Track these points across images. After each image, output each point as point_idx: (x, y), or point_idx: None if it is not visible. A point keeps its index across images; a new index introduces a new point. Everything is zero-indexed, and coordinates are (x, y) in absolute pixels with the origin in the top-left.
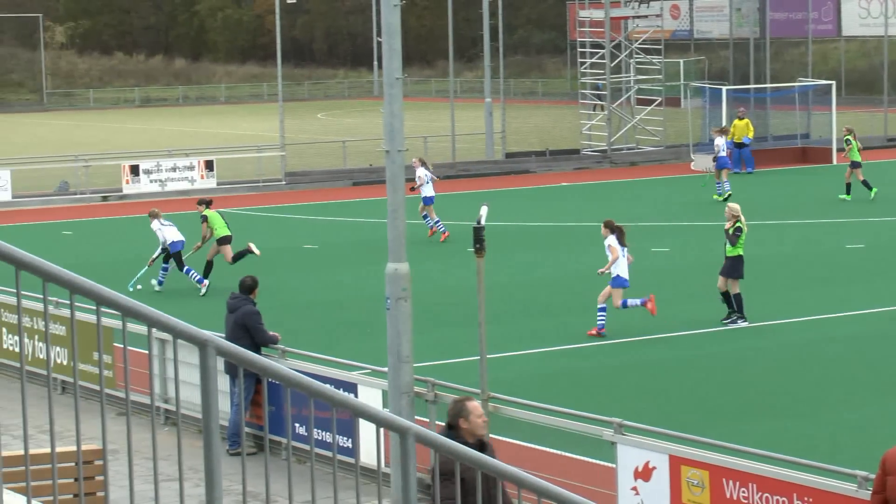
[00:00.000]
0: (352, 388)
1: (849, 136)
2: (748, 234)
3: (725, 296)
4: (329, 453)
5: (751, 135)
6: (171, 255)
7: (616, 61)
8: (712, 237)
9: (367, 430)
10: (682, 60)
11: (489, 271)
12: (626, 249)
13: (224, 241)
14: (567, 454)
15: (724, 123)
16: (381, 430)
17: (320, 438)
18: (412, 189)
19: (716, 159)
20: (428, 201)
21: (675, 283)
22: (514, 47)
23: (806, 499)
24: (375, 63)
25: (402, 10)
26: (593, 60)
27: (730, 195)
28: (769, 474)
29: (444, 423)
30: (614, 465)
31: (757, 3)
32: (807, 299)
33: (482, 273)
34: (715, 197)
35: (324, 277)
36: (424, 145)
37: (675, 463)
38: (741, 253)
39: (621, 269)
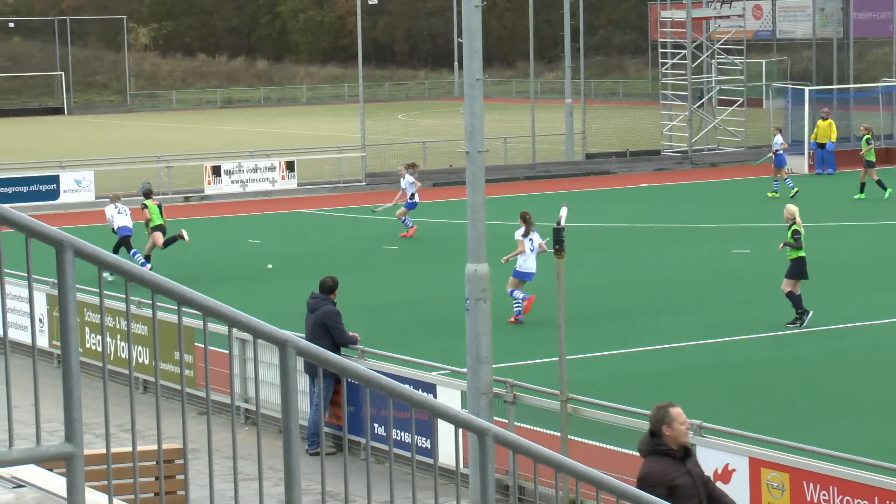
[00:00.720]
0: (431, 388)
1: (869, 136)
2: (811, 234)
3: (791, 297)
4: (408, 454)
5: (834, 137)
6: (120, 239)
7: (697, 62)
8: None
9: (445, 430)
10: (764, 61)
11: (569, 272)
12: (533, 241)
13: (157, 229)
14: None
15: (806, 124)
16: (460, 430)
17: (399, 439)
18: (411, 196)
19: (774, 156)
20: (411, 206)
21: (755, 284)
22: (594, 48)
23: (888, 502)
24: (456, 64)
25: (483, 11)
26: (675, 61)
27: (796, 192)
28: (850, 477)
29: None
30: None
31: (840, 2)
32: (889, 301)
33: (562, 274)
34: (770, 195)
35: (403, 278)
36: (504, 146)
37: (755, 465)
38: (802, 254)
39: (527, 263)
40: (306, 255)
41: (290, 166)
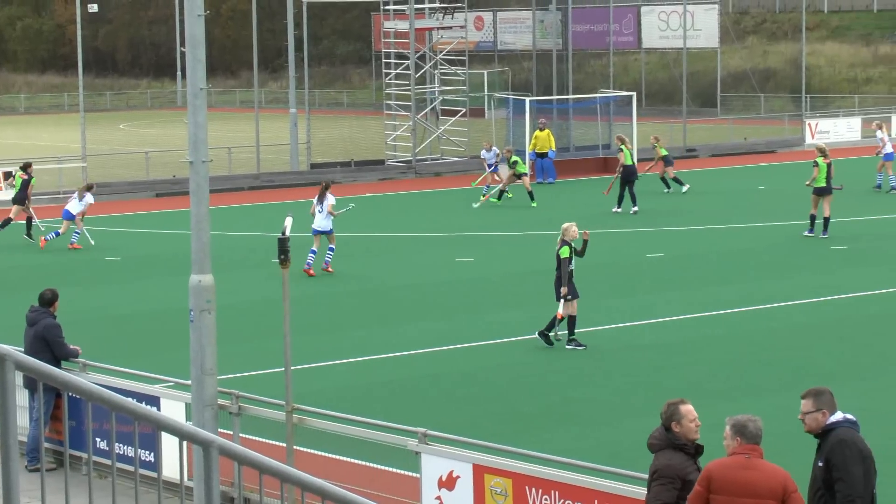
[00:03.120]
0: (154, 401)
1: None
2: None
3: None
4: (131, 467)
5: (553, 147)
6: None
7: (421, 72)
8: (518, 247)
9: (169, 443)
10: (486, 72)
11: (294, 282)
12: (322, 205)
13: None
14: (373, 465)
15: (527, 134)
16: (185, 443)
17: (122, 453)
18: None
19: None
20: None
21: (480, 292)
22: (319, 58)
23: None
24: (179, 73)
25: (206, 20)
26: (398, 71)
27: (501, 196)
28: (572, 481)
29: None
30: (419, 475)
31: (560, 15)
32: (610, 308)
33: (287, 284)
34: (482, 198)
35: (126, 290)
36: (229, 156)
37: (479, 472)
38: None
39: (316, 222)
40: (26, 267)
41: (7, 177)
